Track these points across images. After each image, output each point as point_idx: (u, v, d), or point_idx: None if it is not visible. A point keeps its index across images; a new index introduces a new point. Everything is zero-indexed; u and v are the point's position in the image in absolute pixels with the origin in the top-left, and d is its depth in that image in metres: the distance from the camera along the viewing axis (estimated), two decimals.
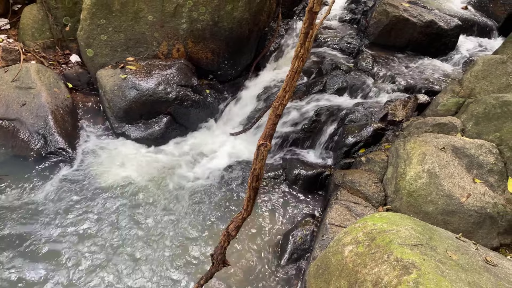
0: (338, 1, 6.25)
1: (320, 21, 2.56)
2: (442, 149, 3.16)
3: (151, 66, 4.29)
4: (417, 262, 1.68)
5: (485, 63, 3.82)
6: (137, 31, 4.34)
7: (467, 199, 2.92)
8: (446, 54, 5.11)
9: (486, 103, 3.42)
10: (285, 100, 1.85)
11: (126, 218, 3.42)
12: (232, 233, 2.30)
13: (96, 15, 4.20)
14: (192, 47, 4.51)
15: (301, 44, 1.64)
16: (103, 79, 4.24)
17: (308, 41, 1.63)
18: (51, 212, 3.37)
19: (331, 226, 3.06)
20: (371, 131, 3.95)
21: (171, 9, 4.25)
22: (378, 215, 2.22)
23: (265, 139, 1.99)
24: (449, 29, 4.96)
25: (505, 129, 3.24)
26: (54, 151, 3.85)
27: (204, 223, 3.50)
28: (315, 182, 3.94)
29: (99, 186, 3.67)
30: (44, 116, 3.93)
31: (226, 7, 4.28)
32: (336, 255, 2.12)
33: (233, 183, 3.96)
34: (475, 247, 2.17)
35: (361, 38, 5.27)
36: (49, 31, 4.75)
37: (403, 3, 5.09)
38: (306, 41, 1.63)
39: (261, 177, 2.10)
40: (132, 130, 4.23)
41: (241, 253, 3.26)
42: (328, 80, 4.58)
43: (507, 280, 1.89)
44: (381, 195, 3.32)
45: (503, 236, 3.01)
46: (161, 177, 3.88)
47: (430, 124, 3.59)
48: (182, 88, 4.26)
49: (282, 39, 5.33)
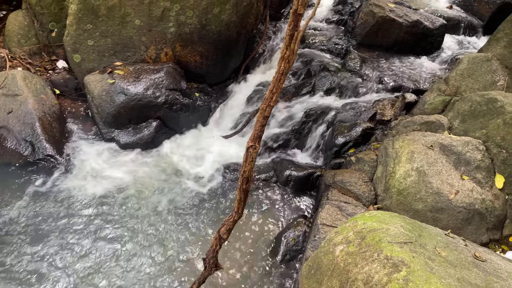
0: (325, 3, 6.30)
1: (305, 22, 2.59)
2: (430, 147, 3.20)
3: (139, 71, 4.27)
4: (406, 259, 1.70)
5: (470, 61, 3.88)
6: (125, 35, 4.32)
7: (456, 196, 2.95)
8: (432, 53, 5.17)
9: (472, 100, 3.47)
10: (273, 102, 1.86)
11: (116, 224, 3.39)
12: (223, 236, 2.30)
13: (83, 20, 4.17)
14: (181, 51, 4.50)
15: (287, 46, 1.65)
16: (91, 84, 4.21)
17: (294, 42, 1.65)
18: (39, 220, 3.33)
19: (322, 226, 3.07)
20: (360, 130, 3.99)
21: (158, 13, 4.24)
22: (368, 214, 2.24)
23: (254, 141, 1.99)
24: (434, 28, 5.02)
25: (491, 126, 3.29)
26: (42, 158, 3.81)
27: (195, 226, 3.48)
28: (306, 182, 3.96)
29: (88, 192, 3.63)
30: (31, 123, 3.88)
31: (214, 10, 4.29)
32: (328, 255, 2.13)
33: (224, 185, 3.95)
34: (464, 243, 2.20)
35: (349, 39, 5.31)
36: (35, 37, 4.71)
37: (388, 3, 5.14)
38: (291, 43, 1.64)
39: (251, 179, 2.10)
40: (122, 135, 4.20)
41: (233, 256, 3.25)
42: (317, 81, 4.61)
43: (496, 275, 1.91)
44: (371, 194, 3.35)
45: (492, 231, 3.05)
46: (151, 181, 3.86)
47: (418, 122, 3.64)
48: (171, 92, 4.25)
49: (271, 41, 5.35)
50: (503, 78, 3.80)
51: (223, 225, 2.28)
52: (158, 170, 4.00)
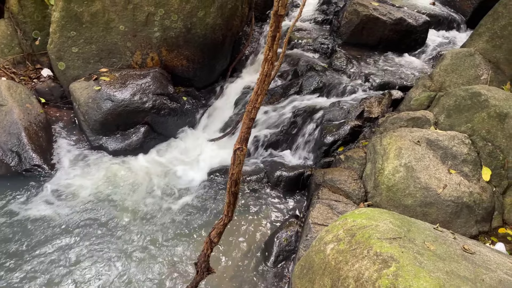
0: (310, 3, 6.34)
1: (292, 24, 2.58)
2: (417, 142, 3.23)
3: (125, 76, 4.25)
4: (395, 255, 1.71)
5: (454, 57, 3.93)
6: (109, 41, 4.29)
7: (444, 190, 2.99)
8: (417, 50, 5.24)
9: (456, 95, 3.52)
10: (258, 104, 1.86)
11: (105, 231, 3.36)
12: (214, 240, 2.29)
13: (66, 28, 4.13)
14: (167, 55, 4.49)
15: (269, 48, 1.66)
16: (77, 92, 4.17)
17: (276, 44, 1.65)
18: (29, 229, 3.28)
19: (314, 226, 3.08)
20: (349, 129, 4.01)
21: (143, 18, 4.22)
22: (358, 212, 2.25)
23: (241, 143, 1.99)
24: (418, 25, 5.09)
25: (476, 119, 3.34)
26: (30, 168, 3.76)
27: (186, 231, 3.47)
28: (297, 182, 3.97)
29: (77, 201, 3.59)
30: (17, 133, 3.83)
31: (198, 13, 4.28)
32: (319, 254, 2.14)
33: (213, 188, 3.94)
34: (452, 236, 2.22)
35: (334, 38, 5.35)
36: (18, 46, 4.65)
37: (372, 2, 5.19)
38: (273, 44, 1.65)
39: (239, 182, 2.10)
40: (110, 142, 4.17)
41: (226, 259, 3.25)
42: (304, 81, 4.63)
43: (485, 267, 1.93)
44: (361, 192, 3.37)
45: (481, 224, 3.09)
46: (141, 187, 3.83)
47: (404, 119, 3.67)
48: (158, 96, 4.23)
49: (257, 42, 5.36)
50: (486, 72, 3.86)
51: (213, 229, 2.27)
52: (147, 176, 3.98)
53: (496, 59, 3.91)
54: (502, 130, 3.22)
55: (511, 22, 3.82)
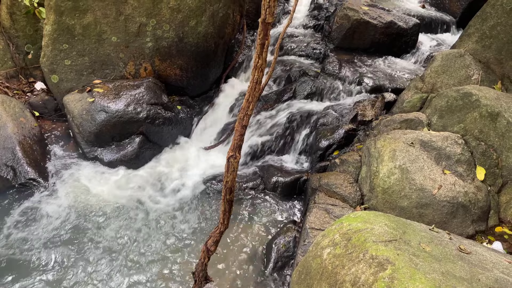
0: (301, 9, 6.40)
1: (282, 30, 2.61)
2: (411, 144, 3.25)
3: (119, 87, 4.26)
4: (391, 257, 1.71)
5: (444, 58, 3.97)
6: (102, 53, 4.30)
7: (439, 190, 3.00)
8: (408, 52, 5.28)
9: (448, 96, 3.55)
10: (250, 111, 1.88)
11: (100, 243, 3.34)
12: (211, 248, 2.29)
13: (58, 41, 4.15)
14: (160, 65, 4.51)
15: (258, 55, 1.67)
16: (71, 104, 4.17)
17: (265, 51, 1.67)
18: (23, 244, 3.26)
19: (311, 230, 3.08)
20: (343, 132, 4.03)
21: (135, 28, 4.24)
22: (353, 215, 2.26)
23: (234, 151, 2.00)
24: (408, 28, 5.13)
25: (468, 119, 3.37)
26: (25, 182, 3.75)
27: (182, 240, 3.46)
28: (294, 187, 3.97)
29: (71, 214, 3.58)
30: (11, 147, 3.82)
31: (190, 23, 4.31)
32: (316, 259, 2.13)
33: (209, 196, 3.94)
34: (448, 237, 2.23)
35: (326, 43, 5.39)
36: (11, 60, 4.66)
37: (362, 6, 5.24)
38: (263, 51, 1.66)
39: (234, 189, 2.11)
40: (105, 153, 4.17)
41: (224, 268, 3.23)
42: (298, 87, 4.65)
43: (481, 267, 1.94)
44: (357, 195, 3.38)
45: (477, 223, 3.10)
46: (137, 198, 3.82)
47: (397, 121, 3.70)
48: (153, 106, 4.24)
49: (250, 50, 5.39)
50: (477, 72, 3.90)
51: (210, 237, 2.27)
52: (142, 186, 3.97)
53: (486, 59, 3.95)
54: (494, 129, 3.25)
55: (499, 22, 3.87)
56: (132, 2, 4.11)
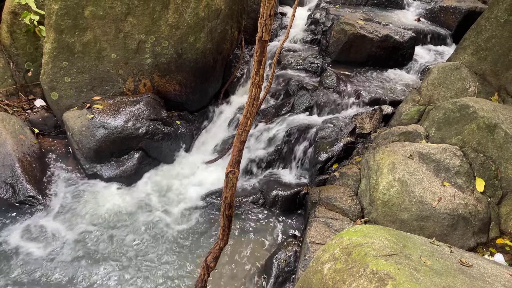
0: (298, 24, 6.49)
1: (279, 46, 2.64)
2: (410, 156, 3.26)
3: (118, 103, 4.28)
4: (392, 272, 1.70)
5: (440, 71, 4.01)
6: (101, 70, 4.34)
7: (439, 202, 2.99)
8: (405, 65, 5.34)
9: (445, 108, 3.57)
10: (248, 126, 1.89)
11: (100, 261, 3.31)
12: (210, 264, 2.27)
13: (58, 58, 4.19)
14: (159, 81, 4.54)
15: (256, 72, 1.70)
16: (70, 121, 4.19)
17: (262, 68, 1.69)
18: (24, 261, 3.23)
19: (312, 245, 3.06)
20: (342, 145, 4.04)
21: (134, 45, 4.29)
22: (353, 229, 2.25)
23: (233, 166, 2.01)
24: (404, 41, 5.20)
25: (465, 131, 3.38)
26: (24, 199, 3.74)
27: (181, 256, 3.43)
28: (294, 201, 3.96)
29: (72, 231, 3.56)
30: (11, 164, 3.82)
31: (189, 39, 4.36)
32: (317, 274, 2.12)
33: (209, 211, 3.92)
34: (449, 250, 2.22)
35: (323, 57, 5.45)
36: (11, 78, 4.70)
37: (358, 21, 5.32)
38: (260, 68, 1.69)
39: (233, 205, 2.10)
40: (104, 169, 4.17)
41: (224, 284, 3.20)
42: (296, 100, 4.68)
43: (482, 280, 1.93)
44: (357, 208, 3.37)
45: (478, 235, 3.08)
46: (136, 214, 3.80)
47: (396, 133, 3.71)
48: (152, 122, 4.26)
49: (248, 65, 5.44)
50: (473, 85, 3.93)
51: (209, 254, 2.26)
52: (142, 202, 3.96)
53: (482, 71, 3.99)
54: (492, 140, 3.26)
55: (494, 34, 3.92)
56: (131, 20, 4.17)
